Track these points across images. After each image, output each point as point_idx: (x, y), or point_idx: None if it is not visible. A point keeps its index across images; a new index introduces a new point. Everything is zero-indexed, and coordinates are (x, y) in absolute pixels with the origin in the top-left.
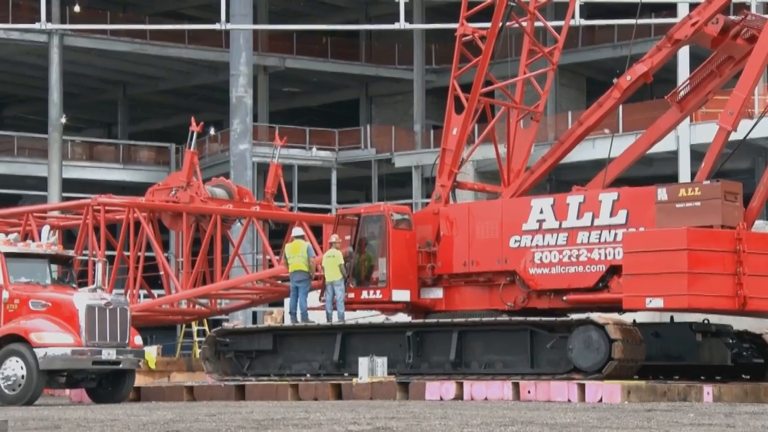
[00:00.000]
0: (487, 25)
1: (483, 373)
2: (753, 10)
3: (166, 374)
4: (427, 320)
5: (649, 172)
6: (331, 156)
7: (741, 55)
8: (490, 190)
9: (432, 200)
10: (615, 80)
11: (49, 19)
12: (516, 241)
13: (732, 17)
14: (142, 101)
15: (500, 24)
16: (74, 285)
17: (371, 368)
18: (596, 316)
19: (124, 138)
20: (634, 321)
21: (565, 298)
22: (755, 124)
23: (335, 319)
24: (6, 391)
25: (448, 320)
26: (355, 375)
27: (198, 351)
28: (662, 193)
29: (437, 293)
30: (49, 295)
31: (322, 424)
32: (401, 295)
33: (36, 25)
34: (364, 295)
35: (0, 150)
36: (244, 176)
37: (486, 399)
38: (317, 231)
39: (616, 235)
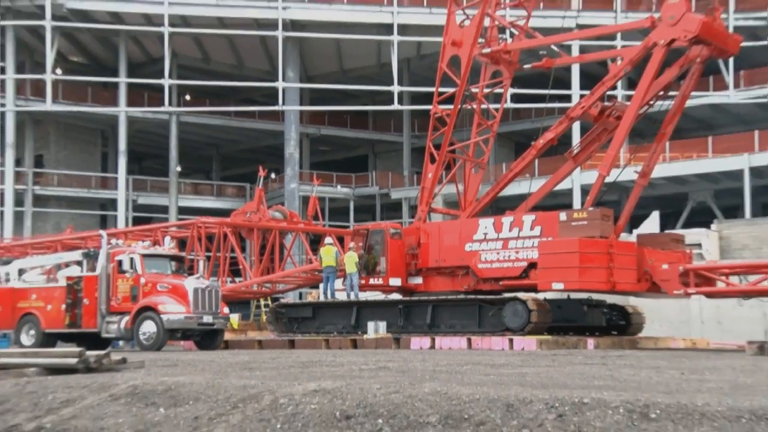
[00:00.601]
0: (451, 106)
1: (448, 331)
2: (619, 99)
3: (244, 332)
4: (412, 298)
5: (554, 202)
6: (350, 191)
7: (612, 127)
8: (453, 213)
9: (415, 220)
10: (533, 143)
11: (170, 104)
12: (469, 246)
13: (606, 103)
14: (228, 156)
15: (459, 106)
16: (185, 274)
17: (376, 329)
18: (521, 295)
19: (217, 180)
20: (545, 298)
21: (500, 283)
22: (621, 172)
23: (352, 297)
24: (144, 342)
25: (425, 298)
26: (365, 333)
27: (264, 317)
28: (563, 215)
29: (418, 280)
30: (169, 281)
31: (344, 365)
32: (395, 282)
33: (161, 108)
34: (371, 281)
35: (139, 188)
36: (293, 205)
37: (450, 348)
38: (341, 240)
39: (533, 242)
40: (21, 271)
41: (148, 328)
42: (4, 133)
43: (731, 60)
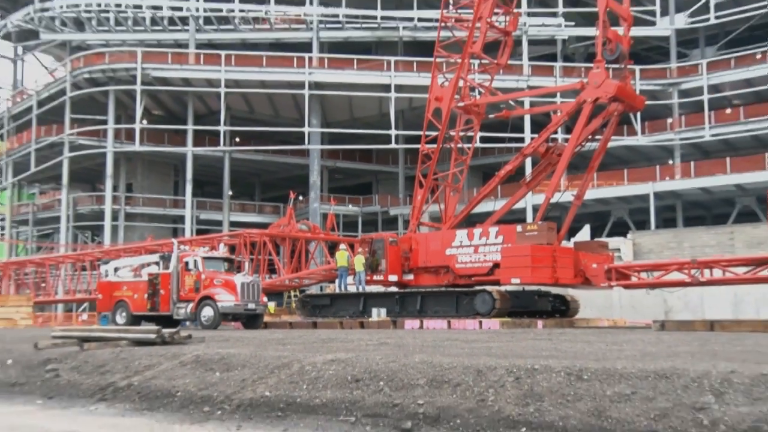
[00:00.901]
0: (435, 146)
1: (433, 315)
2: (559, 141)
3: (278, 316)
4: (406, 290)
5: (512, 217)
6: (358, 209)
7: (555, 162)
8: (436, 226)
9: (408, 231)
10: (496, 173)
11: (224, 145)
12: (449, 251)
13: (550, 144)
14: (267, 183)
15: (440, 145)
16: (235, 272)
17: (378, 313)
18: (488, 287)
19: (259, 201)
20: (506, 290)
21: (472, 279)
22: (561, 195)
23: (360, 290)
24: (204, 322)
25: (416, 290)
26: (370, 317)
27: (294, 305)
28: (519, 227)
29: (410, 277)
30: (223, 276)
31: (354, 341)
32: (393, 278)
33: (218, 148)
34: (375, 278)
35: (201, 207)
36: (315, 219)
37: (434, 328)
38: (351, 246)
39: (497, 248)
40: (116, 269)
41: (208, 312)
42: (105, 167)
43: (639, 114)
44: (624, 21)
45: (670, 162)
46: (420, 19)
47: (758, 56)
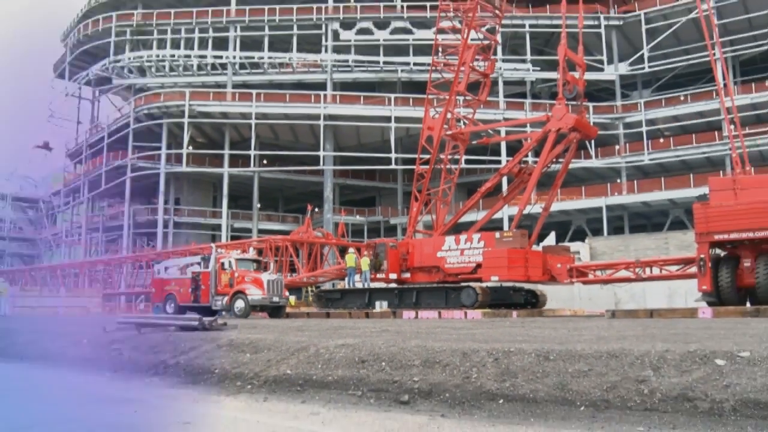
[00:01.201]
0: (427, 166)
1: (426, 307)
2: (530, 163)
3: (298, 307)
4: (403, 286)
5: (491, 226)
6: (364, 219)
7: (526, 180)
8: (428, 233)
9: (406, 237)
10: (479, 189)
11: (254, 166)
12: (439, 254)
13: (522, 165)
14: (289, 197)
15: (432, 166)
16: (262, 271)
17: (380, 305)
18: (472, 284)
19: (282, 212)
20: (487, 286)
21: (459, 276)
22: (531, 207)
23: (365, 286)
24: (237, 312)
25: (412, 286)
26: (374, 308)
27: (311, 298)
28: (498, 234)
29: (407, 275)
30: (252, 275)
31: (360, 329)
32: (393, 276)
33: (249, 168)
34: (378, 276)
35: (234, 217)
36: (329, 227)
37: (427, 318)
38: (358, 250)
39: (479, 251)
40: (166, 268)
41: (240, 304)
42: (159, 185)
43: (593, 141)
44: (579, 67)
45: (618, 181)
46: (415, 64)
47: (682, 98)
